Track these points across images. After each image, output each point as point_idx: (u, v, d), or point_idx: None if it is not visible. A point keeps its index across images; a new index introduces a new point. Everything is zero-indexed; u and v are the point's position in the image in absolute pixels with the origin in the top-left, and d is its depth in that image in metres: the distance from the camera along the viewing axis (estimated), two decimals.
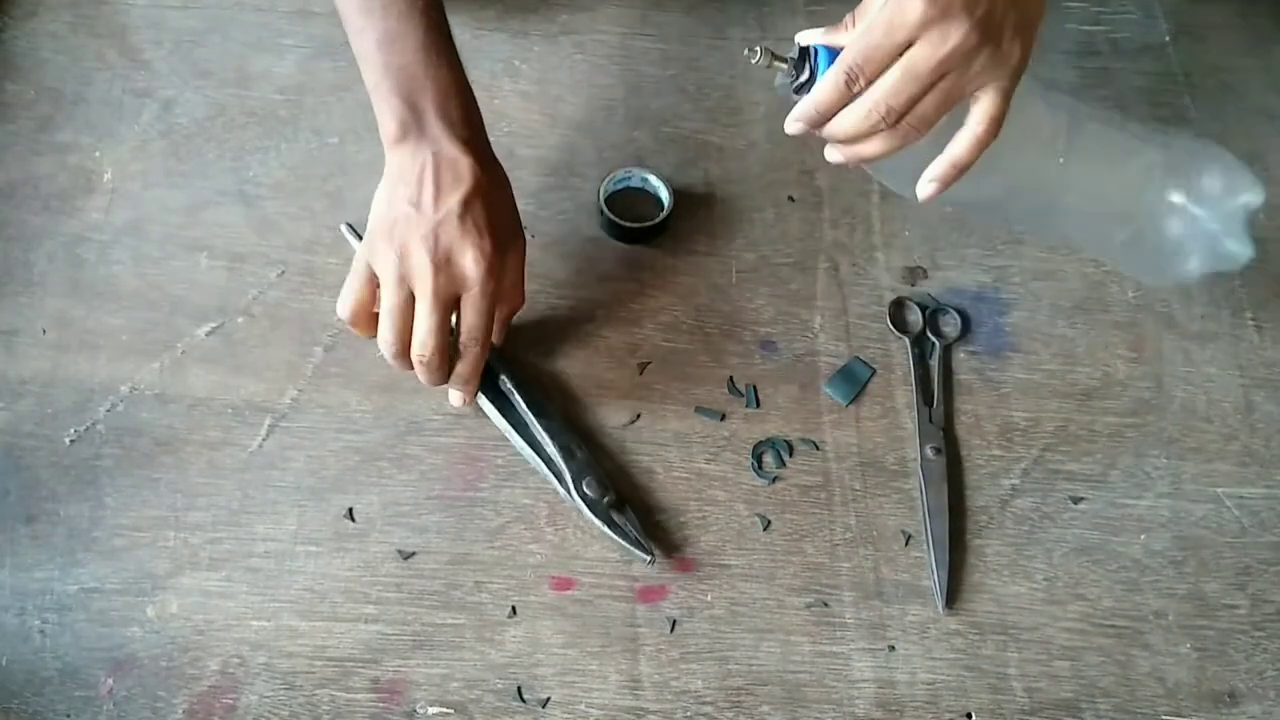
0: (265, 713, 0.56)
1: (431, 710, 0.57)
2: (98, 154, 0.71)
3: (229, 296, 0.67)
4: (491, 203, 0.58)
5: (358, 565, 0.60)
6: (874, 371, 0.67)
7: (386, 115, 0.58)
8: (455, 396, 0.63)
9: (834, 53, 0.51)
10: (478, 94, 0.60)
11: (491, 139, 0.61)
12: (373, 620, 0.59)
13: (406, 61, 0.57)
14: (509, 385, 0.63)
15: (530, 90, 0.75)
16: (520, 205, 0.70)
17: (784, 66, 0.53)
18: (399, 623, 0.59)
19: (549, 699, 0.58)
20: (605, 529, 0.60)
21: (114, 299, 0.66)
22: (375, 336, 0.58)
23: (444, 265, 0.56)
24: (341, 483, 0.62)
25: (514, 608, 0.60)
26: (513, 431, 0.62)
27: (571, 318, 0.68)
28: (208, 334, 0.66)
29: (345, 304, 0.59)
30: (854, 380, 0.67)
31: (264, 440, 0.63)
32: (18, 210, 0.69)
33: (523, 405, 0.63)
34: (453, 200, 0.56)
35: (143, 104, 0.73)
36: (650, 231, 0.70)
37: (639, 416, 0.65)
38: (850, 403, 0.66)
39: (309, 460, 0.62)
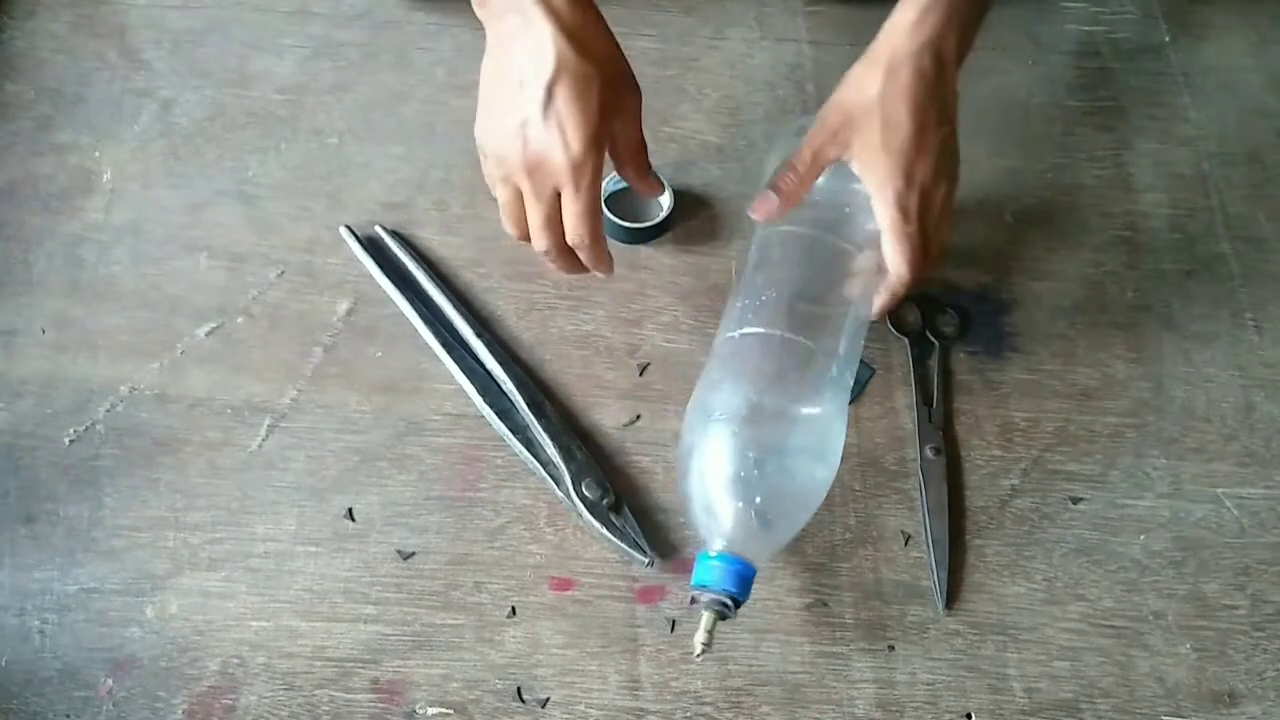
0: (265, 713, 0.56)
1: (431, 710, 0.57)
2: (97, 154, 0.71)
3: (229, 296, 0.67)
4: (580, 83, 0.53)
5: (357, 565, 0.60)
6: (874, 371, 0.67)
7: None
8: (597, 274, 0.60)
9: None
10: (478, 94, 0.60)
11: None
12: (372, 620, 0.59)
13: None
14: (509, 386, 0.63)
15: None
16: None
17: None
18: (399, 623, 0.59)
19: (548, 699, 0.58)
20: (604, 531, 0.60)
21: (114, 299, 0.66)
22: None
23: (535, 169, 0.54)
24: (341, 483, 0.62)
25: (514, 608, 0.60)
26: (510, 434, 0.62)
27: (571, 318, 0.68)
28: (207, 334, 0.66)
29: (487, 177, 0.58)
30: (854, 380, 0.67)
31: (264, 440, 0.63)
32: (17, 210, 0.69)
33: (523, 406, 0.63)
34: (536, 92, 0.53)
35: (142, 104, 0.73)
36: (650, 231, 0.70)
37: (639, 416, 0.65)
38: (850, 403, 0.66)
39: (309, 460, 0.62)
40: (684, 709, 0.58)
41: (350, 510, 0.61)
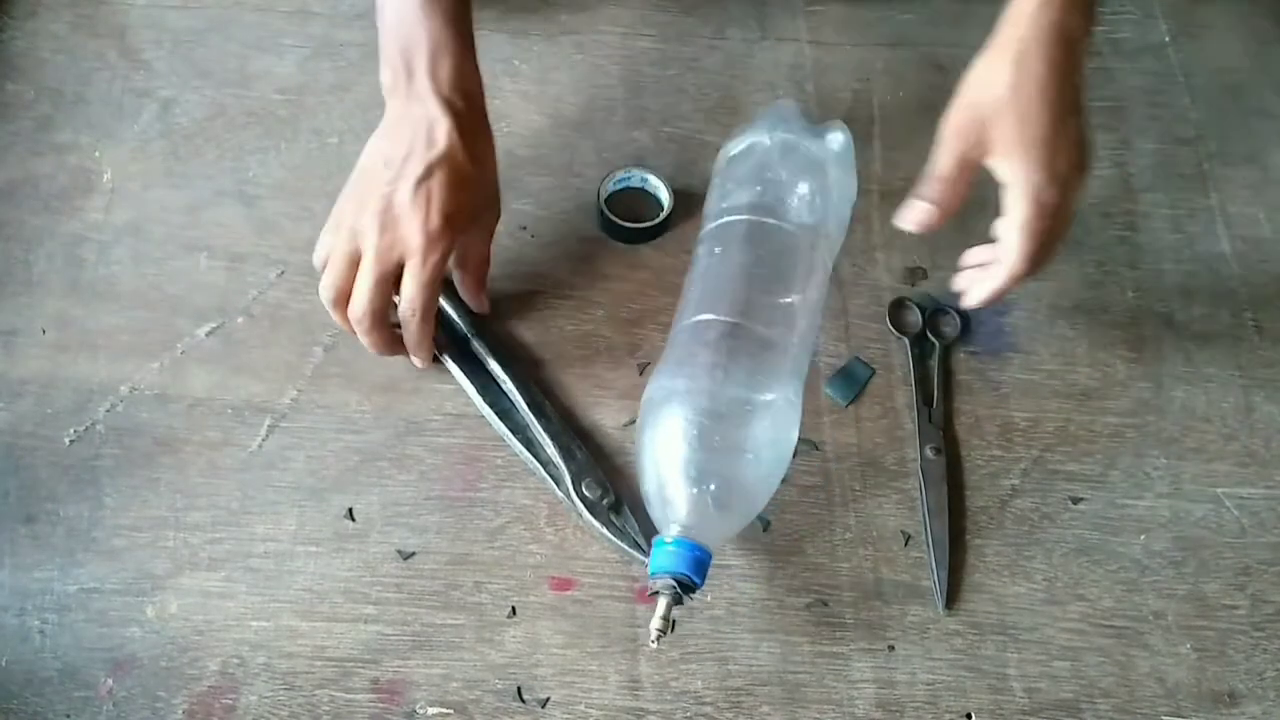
0: (265, 713, 0.56)
1: (431, 710, 0.57)
2: (98, 154, 0.71)
3: (229, 296, 0.67)
4: (459, 174, 0.57)
5: (358, 565, 0.60)
6: (874, 372, 0.67)
7: (383, 65, 0.59)
8: (414, 360, 0.63)
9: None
10: None
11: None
12: (373, 620, 0.59)
13: (406, 14, 0.58)
14: (509, 386, 0.63)
15: (530, 90, 0.75)
16: (520, 205, 0.71)
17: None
18: (399, 623, 0.59)
19: (549, 699, 0.58)
20: (604, 531, 0.60)
21: (114, 299, 0.66)
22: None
23: (388, 228, 0.56)
24: (341, 483, 0.62)
25: (514, 608, 0.60)
26: (510, 434, 0.62)
27: (571, 318, 0.68)
28: (208, 334, 0.66)
29: (317, 252, 0.60)
30: (854, 380, 0.67)
31: (264, 440, 0.63)
32: (18, 210, 0.69)
33: (523, 406, 0.63)
34: (416, 165, 0.56)
35: (143, 104, 0.73)
36: (650, 231, 0.70)
37: None
38: (850, 403, 0.66)
39: (309, 460, 0.62)
40: (684, 709, 0.58)
41: (350, 510, 0.61)
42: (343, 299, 0.58)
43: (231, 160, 0.71)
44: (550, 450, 0.62)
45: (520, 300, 0.68)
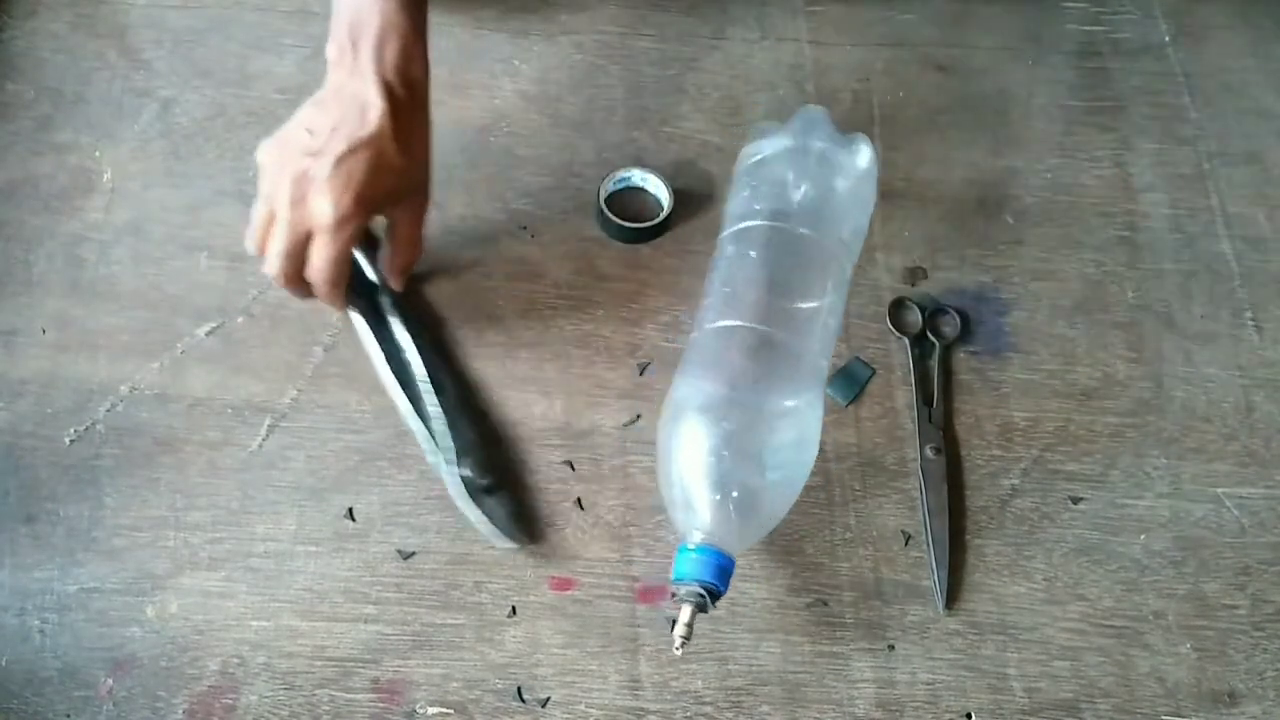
0: (265, 713, 0.56)
1: (431, 710, 0.57)
2: (98, 154, 0.71)
3: (229, 296, 0.67)
4: (383, 159, 0.56)
5: (358, 565, 0.60)
6: (874, 371, 0.67)
7: (330, 40, 0.58)
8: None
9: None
10: (477, 94, 0.60)
11: (492, 139, 0.62)
12: (373, 620, 0.59)
13: None
14: (412, 355, 0.62)
15: (530, 90, 0.75)
16: (520, 205, 0.71)
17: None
18: (399, 623, 0.59)
19: (549, 699, 0.58)
20: (467, 512, 0.59)
21: (114, 299, 0.66)
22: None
23: (300, 201, 0.55)
24: (341, 483, 0.62)
25: (514, 608, 0.60)
26: (407, 401, 0.61)
27: (571, 318, 0.68)
28: (208, 334, 0.66)
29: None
30: (854, 380, 0.67)
31: (264, 440, 0.63)
32: (18, 210, 0.69)
33: (421, 380, 0.61)
34: (341, 142, 0.55)
35: (143, 104, 0.73)
36: (650, 231, 0.70)
37: (639, 416, 0.65)
38: (850, 403, 0.66)
39: (309, 460, 0.62)
40: (684, 709, 0.58)
41: (350, 510, 0.61)
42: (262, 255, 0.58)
43: (231, 160, 0.71)
44: (435, 422, 0.60)
45: (520, 300, 0.68)
